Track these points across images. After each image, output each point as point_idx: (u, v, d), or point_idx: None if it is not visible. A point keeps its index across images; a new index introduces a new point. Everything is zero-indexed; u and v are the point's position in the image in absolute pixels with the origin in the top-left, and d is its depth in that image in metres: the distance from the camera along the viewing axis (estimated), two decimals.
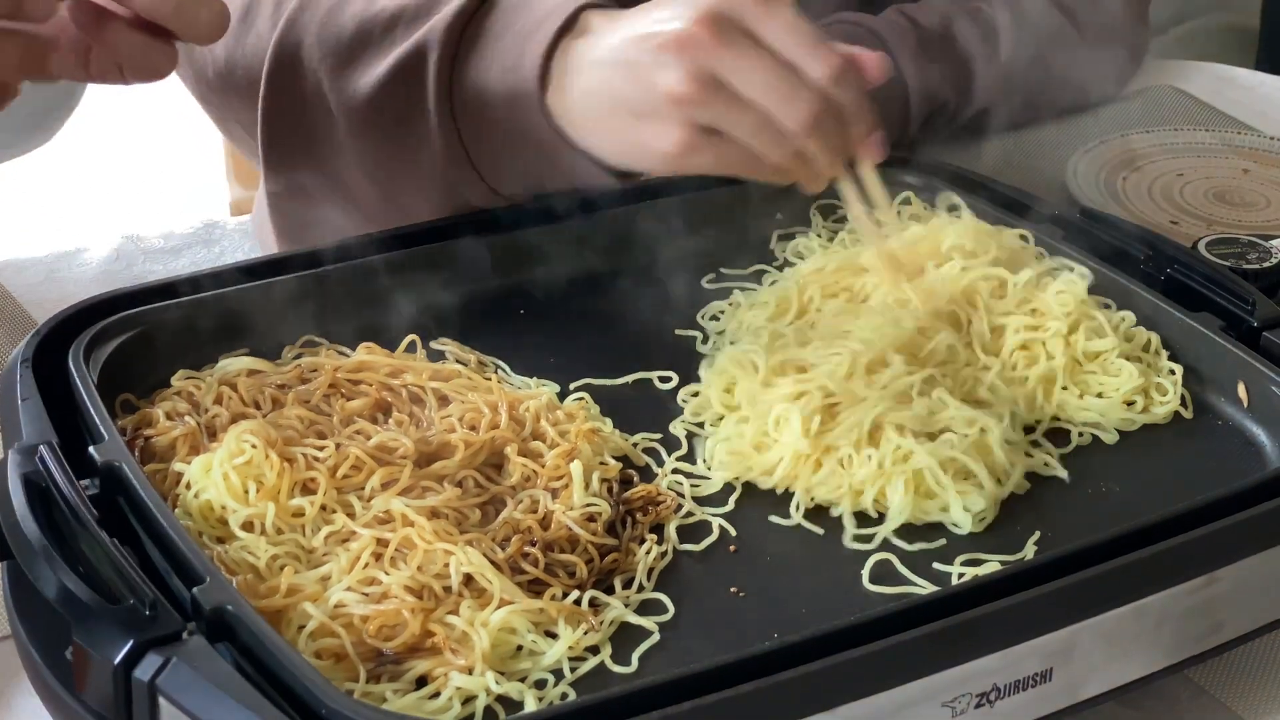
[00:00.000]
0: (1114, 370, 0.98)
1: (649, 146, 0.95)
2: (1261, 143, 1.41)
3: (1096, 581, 0.78)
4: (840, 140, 0.95)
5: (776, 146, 0.93)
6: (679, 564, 0.86)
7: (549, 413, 0.93)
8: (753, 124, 0.92)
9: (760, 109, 0.92)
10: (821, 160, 0.95)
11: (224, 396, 0.91)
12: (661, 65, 0.92)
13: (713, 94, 0.92)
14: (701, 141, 0.93)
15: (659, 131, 0.94)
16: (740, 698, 0.71)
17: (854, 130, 0.95)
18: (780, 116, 0.92)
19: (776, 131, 0.93)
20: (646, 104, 0.94)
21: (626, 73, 0.95)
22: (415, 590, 0.79)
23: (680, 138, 0.93)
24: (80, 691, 0.73)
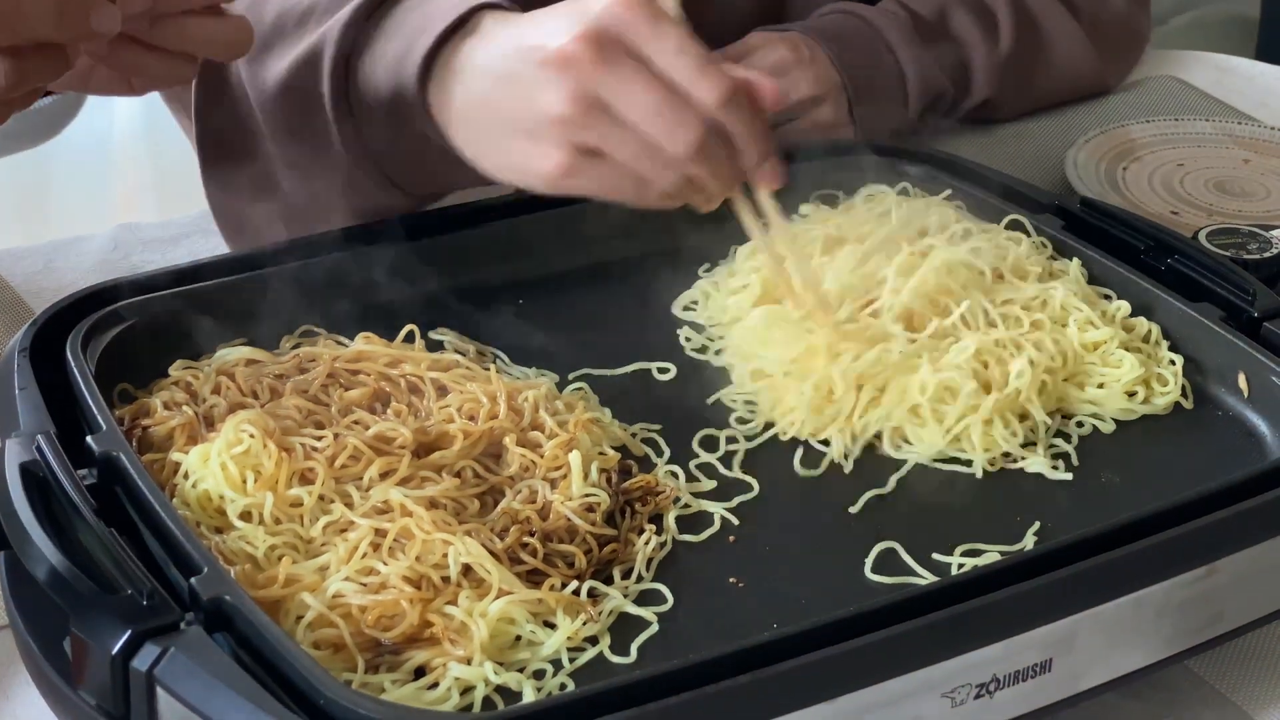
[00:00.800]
0: (1114, 361, 0.98)
1: (528, 166, 0.92)
2: (1262, 133, 1.41)
3: (1096, 572, 0.78)
4: (729, 167, 0.91)
5: (661, 172, 0.89)
6: (678, 554, 0.86)
7: (548, 403, 0.92)
8: (635, 149, 0.89)
9: (643, 133, 0.88)
10: (711, 186, 0.92)
11: (222, 386, 0.91)
12: (542, 83, 0.88)
13: (593, 116, 0.88)
14: (582, 164, 0.90)
15: (538, 152, 0.90)
16: (739, 688, 0.71)
17: (744, 156, 0.91)
18: (663, 142, 0.88)
19: (660, 157, 0.89)
20: (526, 122, 0.90)
21: (507, 87, 0.91)
22: (414, 580, 0.79)
23: (559, 160, 0.90)
24: (78, 682, 0.73)
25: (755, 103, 0.91)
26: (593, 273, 1.08)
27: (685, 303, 1.07)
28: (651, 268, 1.08)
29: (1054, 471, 0.92)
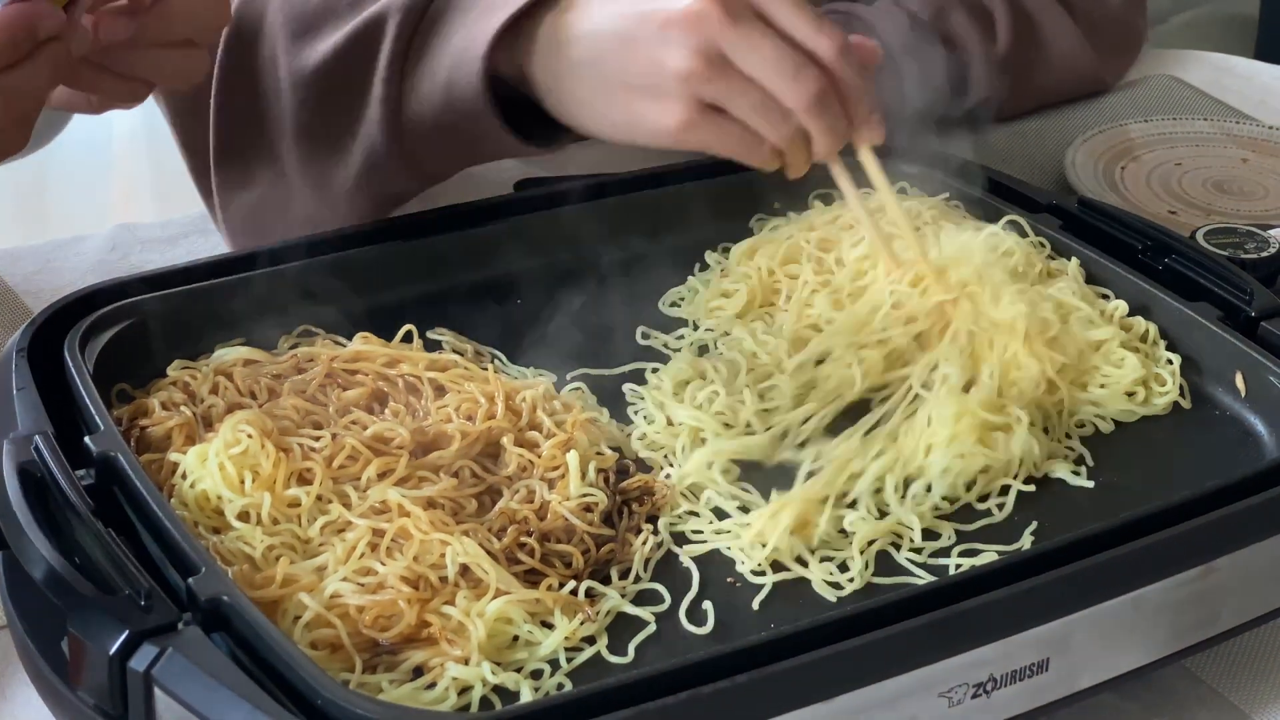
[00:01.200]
0: (1115, 361, 0.98)
1: (649, 121, 0.95)
2: (1260, 132, 1.41)
3: (1093, 572, 0.78)
4: (841, 120, 0.95)
5: (778, 125, 0.94)
6: (676, 554, 0.86)
7: (545, 403, 0.92)
8: (757, 101, 0.93)
9: (765, 86, 0.93)
10: (821, 142, 0.95)
11: (220, 386, 0.91)
12: (667, 42, 0.93)
13: (719, 71, 0.92)
14: (703, 118, 0.94)
15: (661, 108, 0.94)
16: (736, 688, 0.71)
17: (856, 109, 0.95)
18: (785, 94, 0.93)
19: (779, 109, 0.93)
20: (649, 79, 0.94)
21: (627, 48, 0.95)
22: (411, 580, 0.79)
23: (682, 114, 0.94)
24: (76, 682, 0.73)
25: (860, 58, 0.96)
26: (590, 272, 1.08)
27: (672, 299, 1.07)
28: (650, 268, 1.08)
29: (1075, 477, 0.92)
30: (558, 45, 0.99)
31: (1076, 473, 0.92)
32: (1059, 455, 0.93)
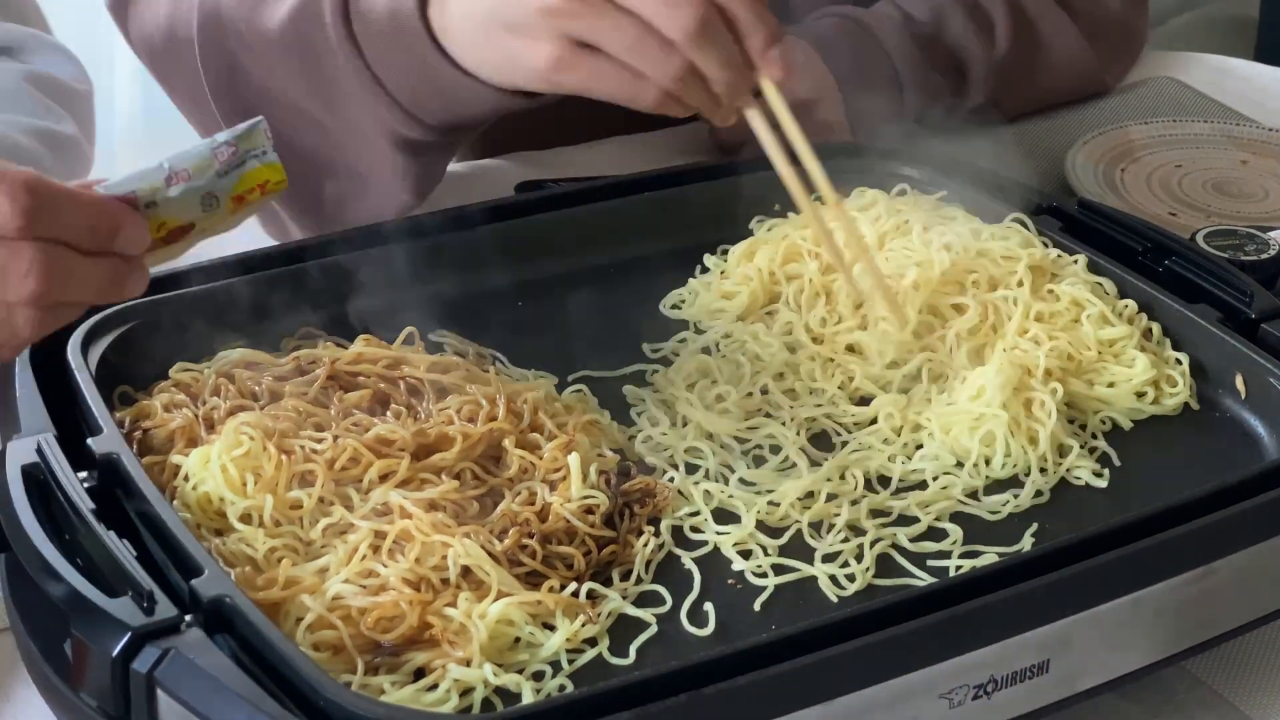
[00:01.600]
0: (1127, 360, 0.98)
1: (522, 61, 0.92)
2: (1260, 134, 1.41)
3: (1093, 573, 0.78)
4: (733, 53, 0.88)
5: (660, 62, 0.88)
6: (677, 556, 0.86)
7: (547, 405, 0.93)
8: (631, 36, 0.87)
9: (638, 19, 0.86)
10: (716, 80, 0.89)
11: (222, 388, 0.91)
12: None
13: (586, 4, 0.87)
14: (575, 57, 0.89)
15: (532, 47, 0.91)
16: (738, 690, 0.71)
17: (751, 41, 0.88)
18: (662, 24, 0.86)
19: (657, 44, 0.87)
20: (518, 18, 0.91)
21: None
22: (413, 582, 0.79)
23: (552, 53, 0.89)
24: (79, 684, 0.73)
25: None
26: (592, 275, 1.08)
27: (673, 300, 1.07)
28: (650, 270, 1.08)
29: (1097, 479, 0.92)
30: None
31: (1099, 474, 0.92)
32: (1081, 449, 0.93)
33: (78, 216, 0.79)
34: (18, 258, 0.77)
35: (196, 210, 0.82)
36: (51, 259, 0.78)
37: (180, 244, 0.83)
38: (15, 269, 0.77)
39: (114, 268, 0.81)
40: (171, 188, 0.81)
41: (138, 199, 0.81)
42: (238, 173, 0.83)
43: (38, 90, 1.19)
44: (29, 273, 0.77)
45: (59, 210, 0.78)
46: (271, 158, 0.83)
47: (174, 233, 0.82)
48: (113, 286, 0.81)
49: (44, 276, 0.78)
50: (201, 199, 0.82)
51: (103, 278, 0.81)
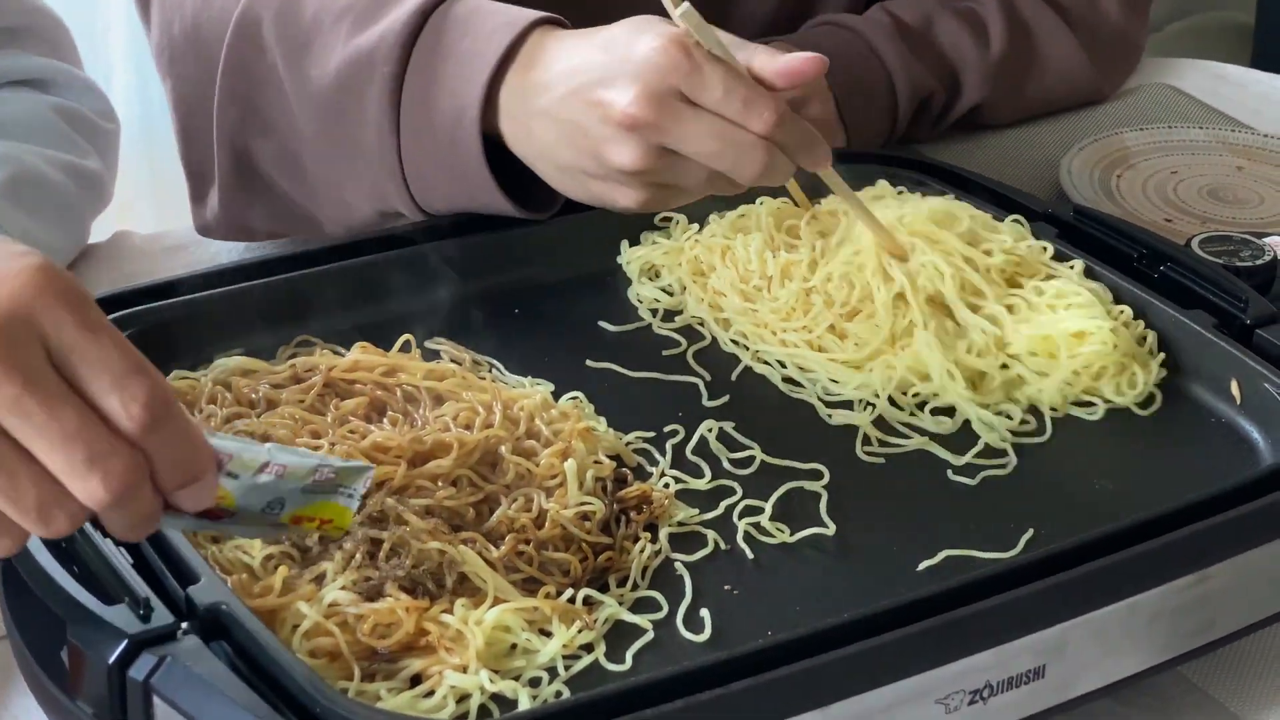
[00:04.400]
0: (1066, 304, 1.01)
1: (612, 201, 0.99)
2: (1255, 140, 1.41)
3: (1089, 579, 0.78)
4: (791, 169, 0.97)
5: (731, 188, 0.98)
6: (672, 562, 0.86)
7: (543, 412, 0.93)
8: (704, 179, 0.96)
9: (711, 168, 0.95)
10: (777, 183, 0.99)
11: (218, 396, 0.91)
12: (610, 140, 0.95)
13: (665, 162, 0.95)
14: (661, 194, 0.98)
15: (619, 193, 0.98)
16: (734, 695, 0.71)
17: (806, 157, 0.98)
18: (731, 172, 0.95)
19: (728, 181, 0.96)
20: (603, 170, 0.97)
21: (576, 138, 0.97)
22: (409, 589, 0.79)
23: (640, 198, 0.98)
24: (75, 691, 0.73)
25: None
26: (587, 282, 1.08)
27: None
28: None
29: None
30: (522, 118, 1.00)
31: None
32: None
33: (179, 449, 0.70)
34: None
35: (256, 505, 0.76)
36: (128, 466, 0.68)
37: (207, 521, 0.75)
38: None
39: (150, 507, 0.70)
40: (261, 475, 0.75)
41: (223, 464, 0.74)
42: (318, 498, 0.78)
43: (65, 123, 1.19)
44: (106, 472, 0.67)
45: (168, 434, 0.69)
46: (352, 505, 0.79)
47: (221, 511, 0.75)
48: (132, 526, 0.70)
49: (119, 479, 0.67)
50: (270, 500, 0.76)
51: (138, 514, 0.70)
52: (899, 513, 0.91)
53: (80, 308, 0.67)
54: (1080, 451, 0.96)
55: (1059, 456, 0.95)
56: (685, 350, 1.03)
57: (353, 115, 1.05)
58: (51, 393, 0.66)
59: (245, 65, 1.10)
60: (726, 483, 0.91)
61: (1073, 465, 0.94)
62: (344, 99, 1.05)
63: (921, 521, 0.90)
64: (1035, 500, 0.91)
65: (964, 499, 0.91)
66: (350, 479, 0.78)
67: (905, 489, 0.92)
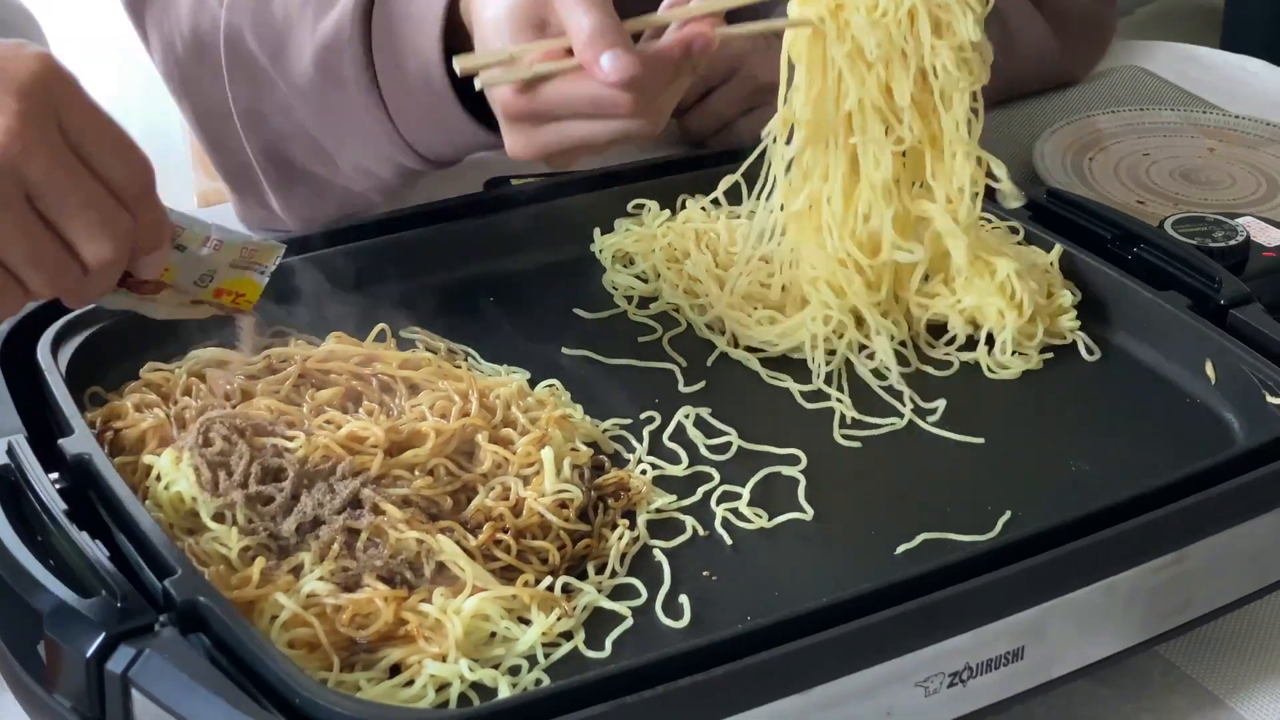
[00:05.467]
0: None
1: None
2: (1227, 121, 1.41)
3: (1066, 560, 0.79)
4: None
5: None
6: (651, 548, 0.86)
7: (519, 400, 0.93)
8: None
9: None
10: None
11: (193, 388, 0.91)
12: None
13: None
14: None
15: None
16: (714, 681, 0.71)
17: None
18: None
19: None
20: None
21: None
22: (387, 579, 0.79)
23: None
24: (53, 686, 0.73)
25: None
26: (561, 270, 1.08)
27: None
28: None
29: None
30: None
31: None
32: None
33: (157, 215, 0.78)
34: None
35: (190, 278, 0.83)
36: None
37: (142, 296, 0.82)
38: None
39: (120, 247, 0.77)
40: (203, 249, 0.82)
41: (176, 236, 0.81)
42: (237, 273, 0.85)
43: None
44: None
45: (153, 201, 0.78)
46: (263, 280, 0.86)
47: (153, 285, 0.82)
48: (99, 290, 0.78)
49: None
50: (202, 273, 0.83)
51: (111, 278, 0.78)
52: (876, 497, 0.91)
53: (80, 90, 0.75)
54: (1056, 433, 0.96)
55: (1035, 439, 0.96)
56: (660, 336, 1.03)
57: (339, 94, 1.06)
58: (72, 165, 0.74)
59: (243, 75, 1.13)
60: (704, 469, 0.91)
61: (1049, 447, 0.95)
62: (326, 82, 1.07)
63: (899, 505, 0.90)
64: (1012, 483, 0.91)
65: (941, 482, 0.92)
66: (266, 257, 0.85)
67: (882, 473, 0.93)
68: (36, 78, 0.73)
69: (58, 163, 0.73)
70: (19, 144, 0.72)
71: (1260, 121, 1.41)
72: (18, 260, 0.74)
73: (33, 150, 0.72)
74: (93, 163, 0.75)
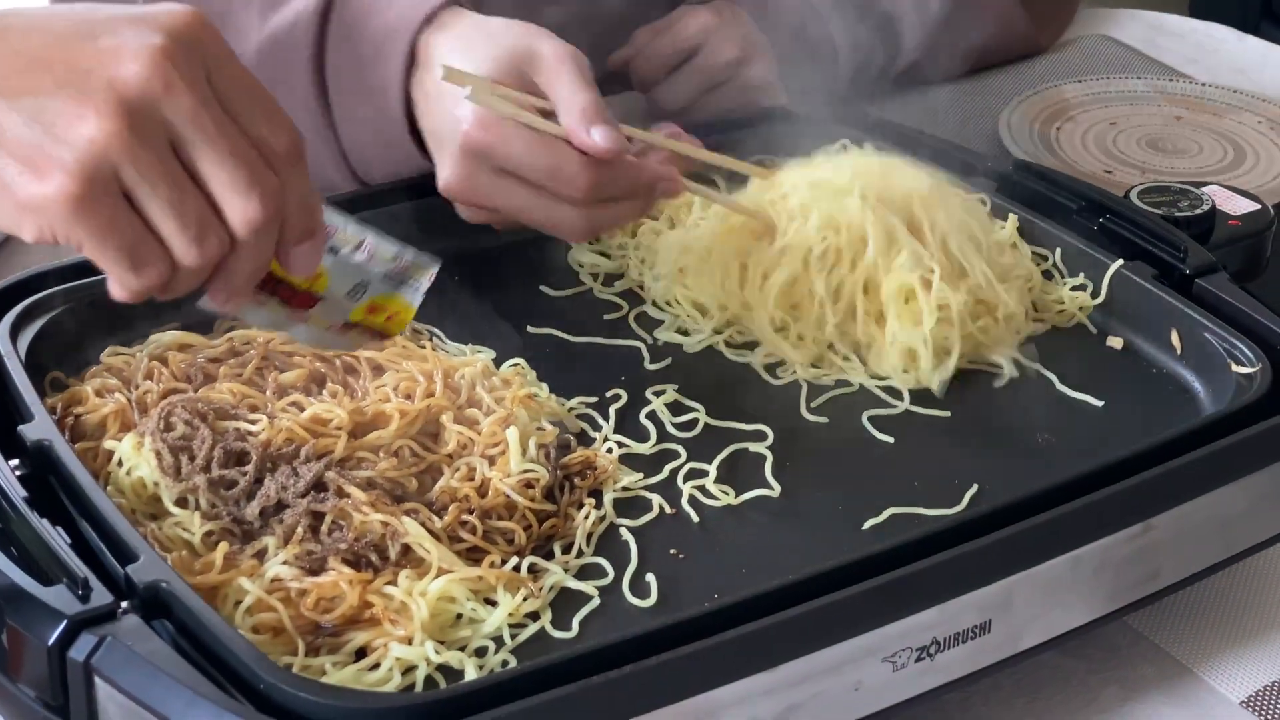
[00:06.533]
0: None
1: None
2: (1194, 89, 1.41)
3: (1033, 533, 0.79)
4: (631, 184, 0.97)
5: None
6: (617, 527, 0.85)
7: (484, 379, 0.92)
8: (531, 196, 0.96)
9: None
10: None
11: (155, 372, 0.90)
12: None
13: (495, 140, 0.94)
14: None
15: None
16: (681, 659, 0.71)
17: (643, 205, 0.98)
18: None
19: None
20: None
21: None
22: (353, 562, 0.79)
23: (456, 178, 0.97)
24: (15, 674, 0.72)
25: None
26: (526, 247, 1.07)
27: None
28: (588, 242, 1.08)
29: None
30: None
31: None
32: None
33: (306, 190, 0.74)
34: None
35: (343, 289, 0.79)
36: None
37: (293, 313, 0.79)
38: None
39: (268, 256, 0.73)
40: (357, 254, 0.79)
41: (331, 234, 0.78)
42: (391, 288, 0.82)
43: None
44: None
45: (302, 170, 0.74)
46: (416, 300, 0.83)
47: (305, 296, 0.78)
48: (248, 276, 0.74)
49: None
50: (356, 284, 0.80)
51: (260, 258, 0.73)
52: (844, 472, 0.91)
53: (231, 51, 0.72)
54: (1023, 405, 0.96)
55: (1001, 411, 0.95)
56: (627, 314, 1.03)
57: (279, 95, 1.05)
58: (218, 114, 0.70)
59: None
60: (670, 446, 0.91)
61: (1016, 419, 0.95)
62: (276, 62, 1.05)
63: (866, 480, 0.90)
64: (979, 456, 0.91)
65: (909, 456, 0.92)
66: (418, 273, 0.82)
67: (849, 448, 0.92)
68: (187, 25, 0.70)
69: (204, 108, 0.70)
70: (161, 81, 0.69)
71: (1227, 89, 1.41)
72: (160, 210, 0.70)
73: (176, 89, 0.69)
74: (241, 119, 0.71)
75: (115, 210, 0.69)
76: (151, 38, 0.69)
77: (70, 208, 0.69)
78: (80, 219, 0.69)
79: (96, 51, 0.69)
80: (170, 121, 0.69)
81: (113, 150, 0.68)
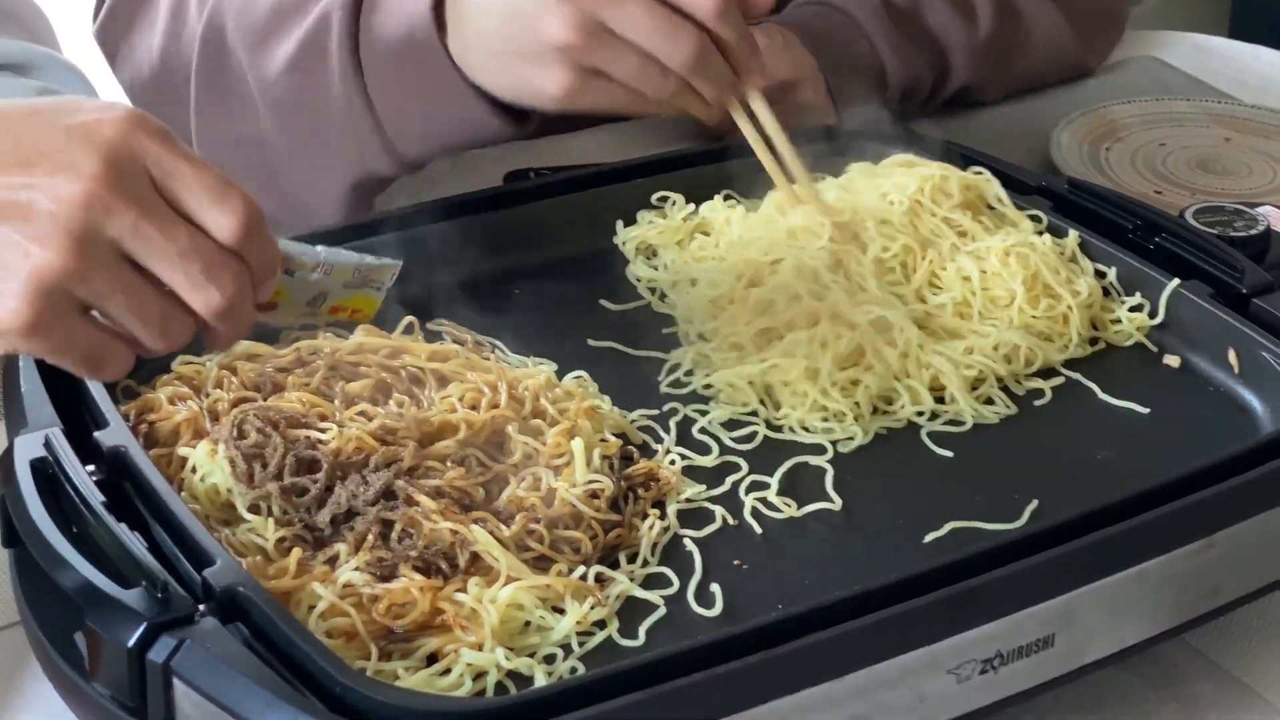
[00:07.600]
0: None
1: (536, 88, 0.99)
2: (1241, 111, 1.42)
3: (1096, 548, 0.79)
4: (724, 73, 0.97)
5: (659, 85, 0.97)
6: (681, 538, 0.86)
7: (547, 391, 0.93)
8: (636, 65, 0.96)
9: (644, 50, 0.95)
10: (707, 93, 0.98)
11: (224, 380, 0.91)
12: (546, 13, 0.95)
13: (596, 40, 0.95)
14: (586, 84, 0.97)
15: (546, 75, 0.98)
16: (748, 669, 0.72)
17: (739, 61, 0.98)
18: (663, 57, 0.95)
19: (659, 70, 0.96)
20: (533, 50, 0.97)
21: (513, 19, 0.98)
22: (423, 569, 0.80)
23: (565, 81, 0.97)
24: (93, 676, 0.73)
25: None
26: (585, 262, 1.08)
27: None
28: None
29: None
30: (461, 14, 1.03)
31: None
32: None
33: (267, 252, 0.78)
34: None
35: (303, 300, 0.85)
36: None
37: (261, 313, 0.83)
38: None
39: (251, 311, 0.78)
40: (314, 274, 0.84)
41: (285, 260, 0.82)
42: (352, 292, 0.86)
43: None
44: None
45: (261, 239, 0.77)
46: (380, 296, 0.88)
47: (270, 304, 0.83)
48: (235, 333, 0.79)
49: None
50: (315, 295, 0.85)
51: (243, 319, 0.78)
52: (903, 486, 0.91)
53: (171, 140, 0.75)
54: (1081, 422, 0.96)
55: (1060, 428, 0.96)
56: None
57: (318, 79, 1.08)
58: (164, 216, 0.74)
59: (214, 71, 1.14)
60: (732, 459, 0.92)
61: (1074, 436, 0.95)
62: (306, 67, 1.08)
63: (926, 494, 0.90)
64: (1038, 472, 0.92)
65: (968, 472, 0.92)
66: (380, 276, 0.87)
67: (908, 462, 0.93)
68: (124, 135, 0.73)
69: (147, 217, 0.73)
70: (100, 205, 0.72)
71: (1275, 111, 1.41)
72: (121, 314, 0.75)
73: (115, 208, 0.72)
74: (190, 213, 0.75)
75: (72, 328, 0.74)
76: (86, 161, 0.72)
77: (26, 333, 0.73)
78: (37, 340, 0.74)
79: (33, 183, 0.72)
80: (116, 239, 0.73)
81: (63, 278, 0.72)
